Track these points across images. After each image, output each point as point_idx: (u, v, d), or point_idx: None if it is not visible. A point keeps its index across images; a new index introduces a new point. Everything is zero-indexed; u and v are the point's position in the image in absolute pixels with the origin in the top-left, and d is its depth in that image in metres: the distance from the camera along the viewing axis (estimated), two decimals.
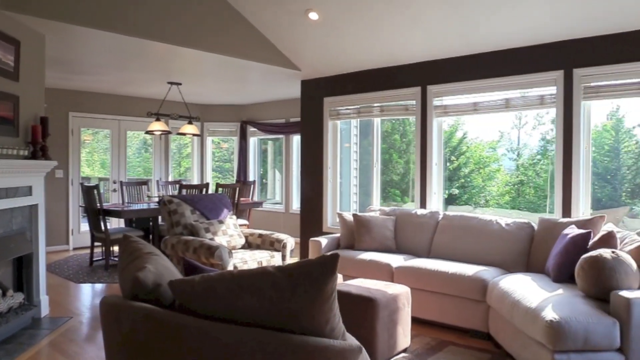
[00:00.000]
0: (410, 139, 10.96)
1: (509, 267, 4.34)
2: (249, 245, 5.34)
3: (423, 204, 5.49)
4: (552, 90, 4.63)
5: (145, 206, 6.52)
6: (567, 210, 4.56)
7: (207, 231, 4.97)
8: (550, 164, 4.75)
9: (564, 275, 3.67)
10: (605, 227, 3.95)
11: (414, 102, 5.56)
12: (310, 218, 6.55)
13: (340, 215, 5.35)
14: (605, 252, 3.19)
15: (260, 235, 5.30)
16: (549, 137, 9.95)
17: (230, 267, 4.49)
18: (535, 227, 4.45)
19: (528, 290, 3.43)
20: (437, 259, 4.62)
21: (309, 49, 5.86)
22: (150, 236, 6.61)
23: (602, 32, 4.29)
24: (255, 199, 8.43)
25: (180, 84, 6.94)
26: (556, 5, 4.17)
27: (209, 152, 9.48)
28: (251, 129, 9.15)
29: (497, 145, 11.25)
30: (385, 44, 5.37)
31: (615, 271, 3.10)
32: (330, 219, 6.39)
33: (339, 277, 4.24)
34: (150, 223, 6.58)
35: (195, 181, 9.14)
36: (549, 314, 2.93)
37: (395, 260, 4.63)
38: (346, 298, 3.52)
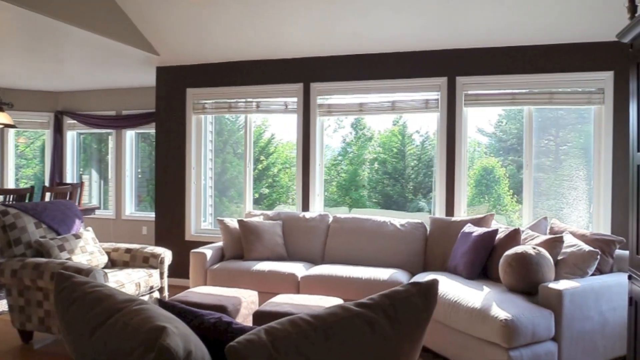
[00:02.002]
0: (225, 138, 10.74)
1: (409, 269, 4.39)
2: (112, 263, 4.35)
3: (306, 207, 5.24)
4: (436, 95, 4.86)
5: None
6: (450, 210, 4.84)
7: (61, 249, 3.87)
8: (434, 166, 4.96)
9: (476, 273, 3.84)
10: (493, 224, 4.31)
11: (295, 99, 5.27)
12: (168, 226, 5.70)
13: (221, 222, 4.75)
14: (528, 249, 3.42)
15: (128, 251, 4.36)
16: (348, 139, 10.84)
17: None
18: (428, 226, 4.60)
19: (458, 290, 3.47)
20: (334, 265, 4.43)
21: (176, 30, 5.07)
22: None
23: (483, 44, 4.65)
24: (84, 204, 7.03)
25: None
26: (443, 16, 4.39)
27: (12, 147, 7.59)
28: (69, 121, 7.61)
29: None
30: (267, 34, 4.95)
31: (541, 265, 3.34)
32: (194, 226, 5.66)
33: (255, 294, 3.73)
34: None
35: None
36: (501, 314, 2.99)
37: (297, 269, 4.29)
38: None
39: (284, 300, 3.38)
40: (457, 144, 4.81)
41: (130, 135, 7.46)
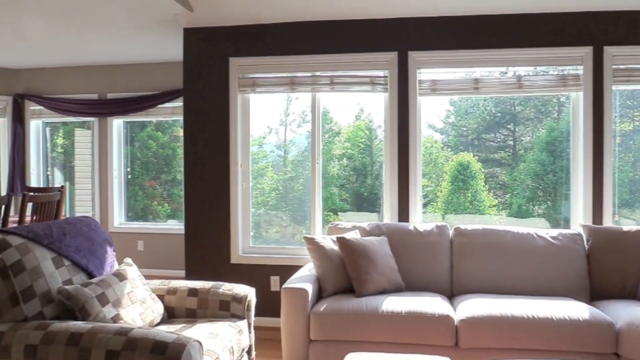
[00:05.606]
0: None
1: (574, 297, 3.26)
2: (168, 313, 2.86)
3: (404, 217, 3.97)
4: (577, 70, 3.76)
5: None
6: (598, 217, 3.76)
7: (103, 302, 2.36)
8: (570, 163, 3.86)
9: None
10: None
11: (385, 72, 3.97)
12: (204, 244, 4.21)
13: (311, 241, 3.37)
14: None
15: (193, 292, 2.88)
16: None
17: None
18: (585, 238, 3.50)
19: None
20: (484, 297, 3.19)
21: None
22: None
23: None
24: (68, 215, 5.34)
25: None
26: None
27: None
28: (33, 107, 5.82)
29: (264, 142, 10.95)
30: None
31: None
32: (241, 245, 4.20)
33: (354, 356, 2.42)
34: None
35: None
36: None
37: (444, 308, 3.00)
38: None
39: None
40: (605, 134, 3.73)
41: (117, 124, 5.81)
